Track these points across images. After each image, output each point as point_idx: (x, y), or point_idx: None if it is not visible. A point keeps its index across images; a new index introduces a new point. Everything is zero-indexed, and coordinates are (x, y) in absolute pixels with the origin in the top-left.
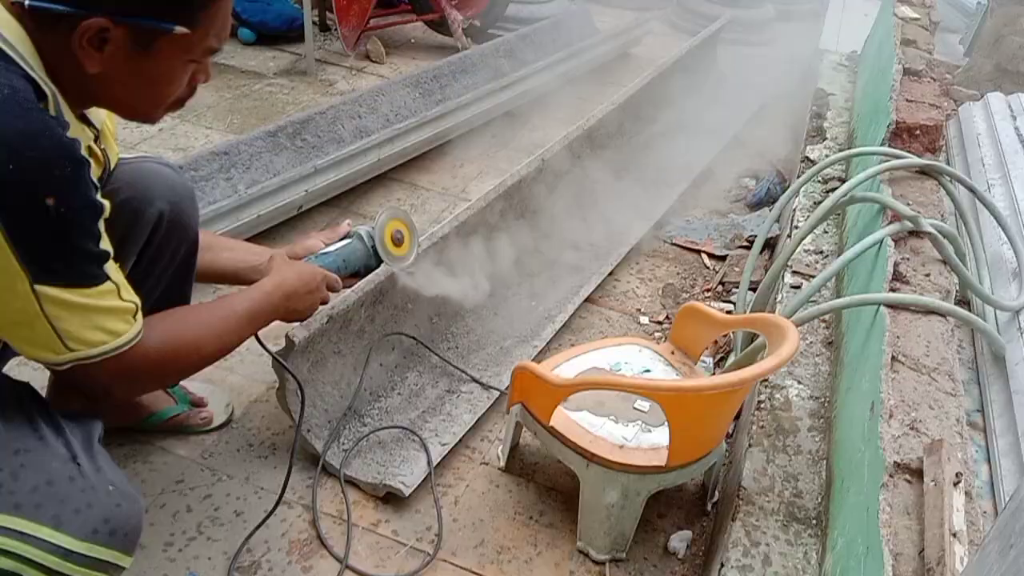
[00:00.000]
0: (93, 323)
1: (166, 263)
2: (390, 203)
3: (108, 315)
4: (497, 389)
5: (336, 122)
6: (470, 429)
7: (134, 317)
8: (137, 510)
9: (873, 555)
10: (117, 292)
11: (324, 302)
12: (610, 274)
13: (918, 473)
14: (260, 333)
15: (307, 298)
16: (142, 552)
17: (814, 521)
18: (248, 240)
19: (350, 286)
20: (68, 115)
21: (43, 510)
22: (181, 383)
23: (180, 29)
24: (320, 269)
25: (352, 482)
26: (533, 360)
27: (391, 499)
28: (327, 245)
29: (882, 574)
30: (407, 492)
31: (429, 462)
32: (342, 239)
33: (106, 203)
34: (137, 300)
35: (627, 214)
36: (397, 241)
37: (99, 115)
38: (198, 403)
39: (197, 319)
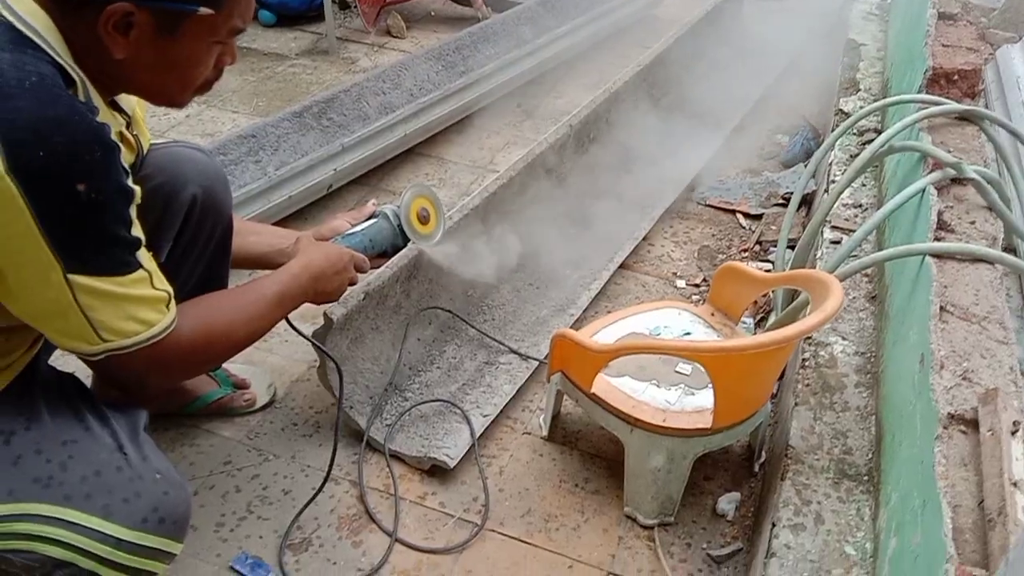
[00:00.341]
0: (126, 313)
1: (202, 246)
2: (416, 180)
3: (141, 304)
4: (536, 359)
5: (361, 99)
6: (511, 400)
7: (167, 306)
8: (185, 497)
9: (931, 508)
10: (150, 280)
11: (352, 283)
12: (644, 238)
13: (973, 424)
14: (291, 316)
15: (335, 279)
16: (194, 533)
17: (865, 477)
18: (280, 221)
19: (378, 266)
20: (97, 101)
21: (92, 501)
22: (223, 366)
23: (205, 10)
24: (347, 250)
25: (397, 456)
26: (570, 328)
27: (436, 472)
28: (353, 225)
29: (941, 526)
30: (452, 464)
31: (472, 434)
32: (368, 219)
33: (137, 189)
34: (170, 289)
35: (659, 177)
36: (423, 219)
37: (130, 101)
38: (241, 385)
39: (228, 305)
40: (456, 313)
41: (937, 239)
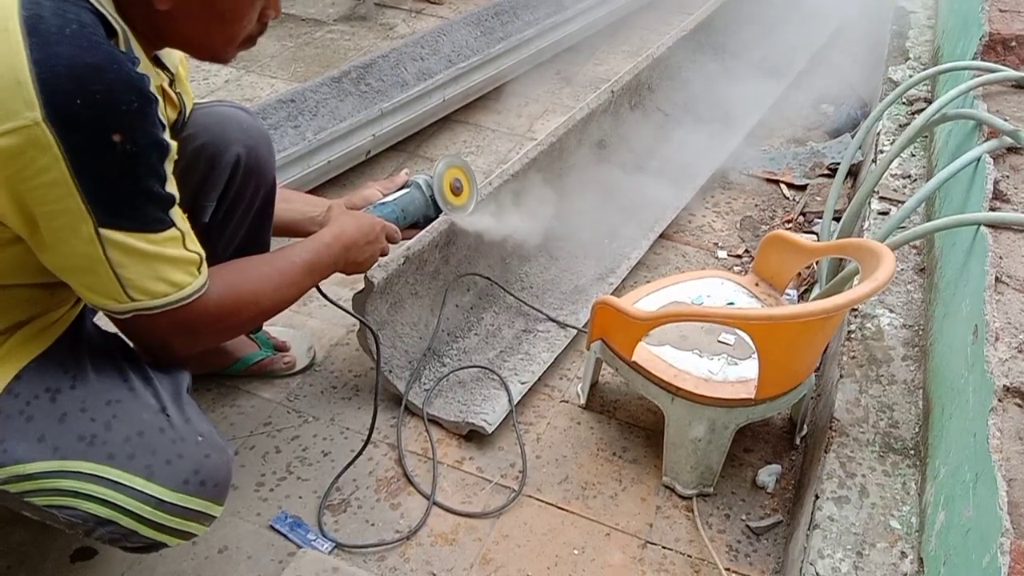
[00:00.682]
0: (156, 273)
1: (245, 207)
2: (450, 150)
3: (172, 265)
4: (574, 327)
5: (399, 65)
6: (548, 368)
7: (198, 269)
8: (226, 460)
9: (984, 481)
10: (182, 241)
11: (384, 253)
12: (685, 208)
13: None
14: (326, 282)
15: (367, 249)
16: (235, 492)
17: (912, 451)
18: (319, 186)
19: (409, 237)
20: (139, 52)
21: (135, 461)
22: (264, 327)
23: None
24: (379, 219)
25: (435, 421)
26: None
27: (473, 437)
28: (385, 195)
29: (996, 500)
30: (490, 430)
31: (510, 400)
32: (400, 188)
33: (174, 144)
34: (202, 251)
35: (701, 146)
36: (456, 190)
37: (173, 59)
38: (281, 348)
39: (257, 271)
40: (495, 280)
41: (992, 209)
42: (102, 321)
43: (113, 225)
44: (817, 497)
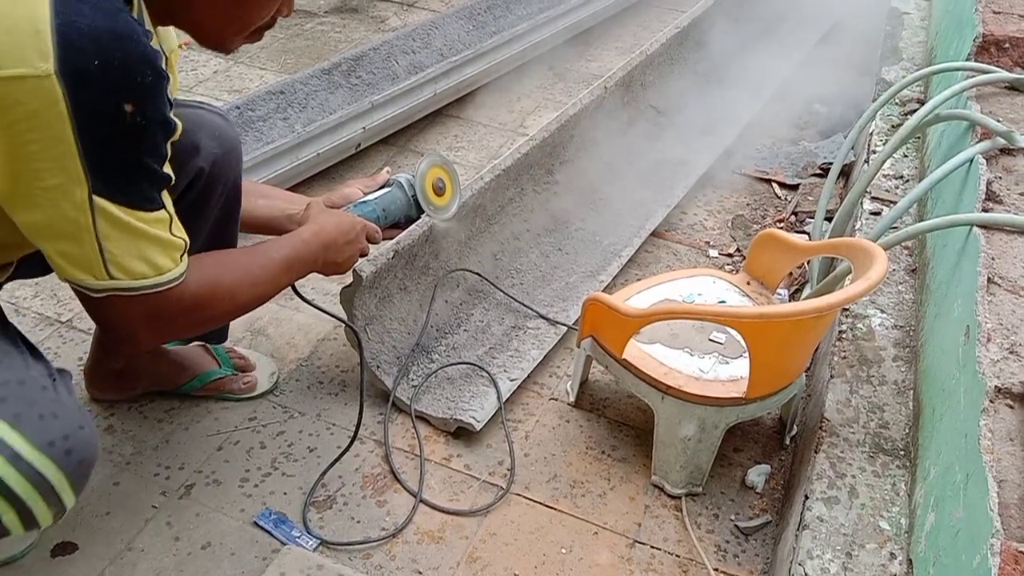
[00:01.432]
0: (140, 252)
1: (208, 214)
2: (433, 149)
3: (157, 247)
4: (564, 324)
5: (390, 58)
6: (538, 365)
7: (181, 256)
8: (95, 443)
9: (975, 482)
10: (169, 224)
11: (364, 254)
12: (676, 206)
13: (1020, 398)
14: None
15: (346, 249)
16: (219, 487)
17: (902, 452)
18: (308, 180)
19: (391, 238)
20: (149, 26)
21: (6, 405)
22: (228, 344)
23: None
24: (359, 219)
25: (423, 417)
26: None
27: (462, 434)
28: (366, 193)
29: (987, 500)
30: (478, 427)
31: (499, 397)
32: (382, 187)
33: (179, 123)
34: (186, 238)
35: (693, 143)
36: (439, 190)
37: (170, 42)
38: (242, 367)
39: (235, 264)
40: (485, 276)
41: (985, 210)
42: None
43: (107, 195)
44: (807, 497)
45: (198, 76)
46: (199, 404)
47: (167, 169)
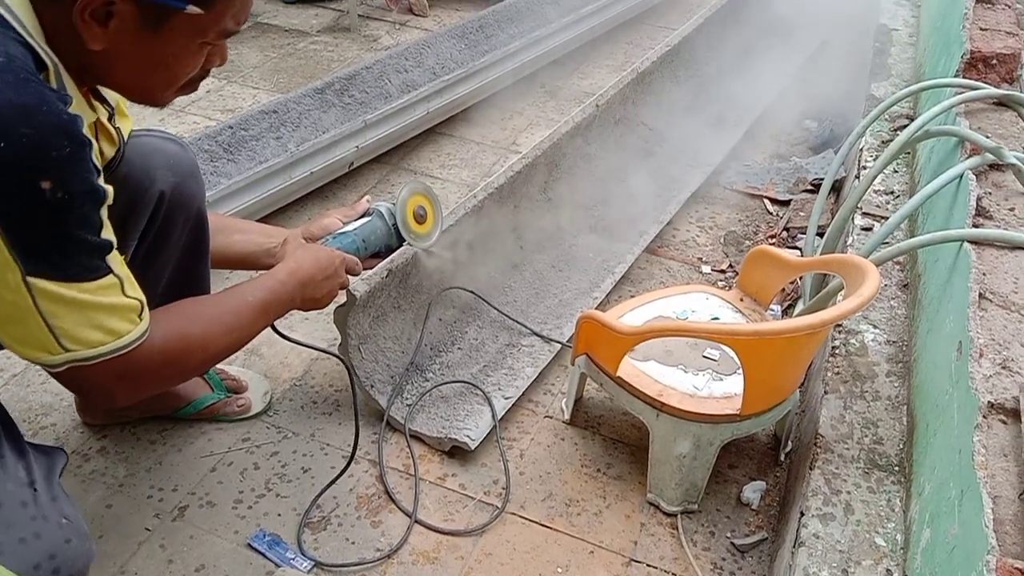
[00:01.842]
0: (92, 321)
1: (174, 242)
2: (414, 177)
3: (109, 312)
4: (559, 342)
5: (383, 77)
6: (532, 383)
7: (139, 316)
8: (87, 550)
9: (969, 498)
10: (120, 287)
11: (344, 287)
12: (669, 223)
13: (1013, 413)
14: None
15: (324, 284)
16: (212, 509)
17: (896, 468)
18: (302, 199)
19: (371, 267)
20: (72, 89)
21: None
22: (219, 367)
23: (193, 9)
24: (338, 252)
25: (417, 437)
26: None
27: (456, 453)
28: (345, 223)
29: (981, 516)
30: (473, 446)
31: (493, 415)
32: (361, 217)
33: (109, 189)
34: (142, 297)
35: (685, 160)
36: (420, 218)
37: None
38: (235, 389)
39: (206, 313)
40: (478, 294)
41: (975, 226)
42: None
43: (42, 274)
44: (802, 514)
45: (191, 96)
46: (192, 425)
47: (106, 235)
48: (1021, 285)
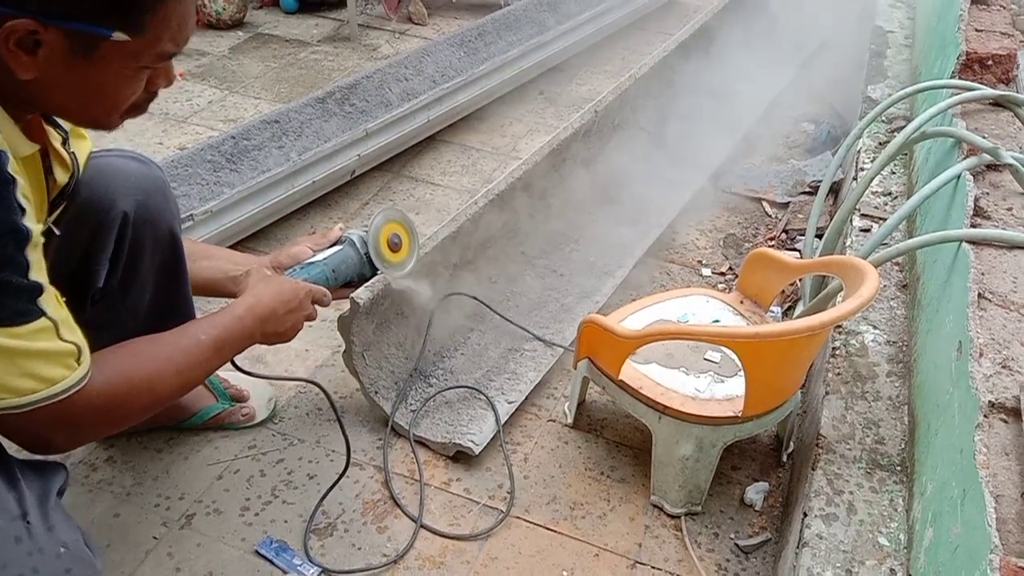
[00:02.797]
0: (22, 369)
1: (147, 263)
2: (389, 203)
3: (42, 359)
4: (561, 346)
5: (383, 86)
6: (535, 387)
7: (77, 360)
8: (92, 574)
9: (971, 497)
10: (55, 331)
11: (310, 319)
12: (668, 226)
13: (1014, 412)
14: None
15: (287, 318)
16: (219, 517)
17: (898, 467)
18: (304, 207)
19: (343, 296)
20: (2, 120)
21: None
22: (219, 375)
23: (120, 36)
24: (304, 284)
25: (422, 442)
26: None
27: (461, 458)
28: (316, 252)
29: (984, 516)
30: (477, 450)
31: (497, 420)
32: (332, 245)
33: (35, 228)
34: (80, 340)
35: (684, 164)
36: (394, 246)
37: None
38: (238, 398)
39: (155, 353)
40: (481, 300)
41: (973, 226)
42: None
43: None
44: (805, 515)
45: (193, 106)
46: (198, 434)
47: (35, 276)
48: (1020, 284)
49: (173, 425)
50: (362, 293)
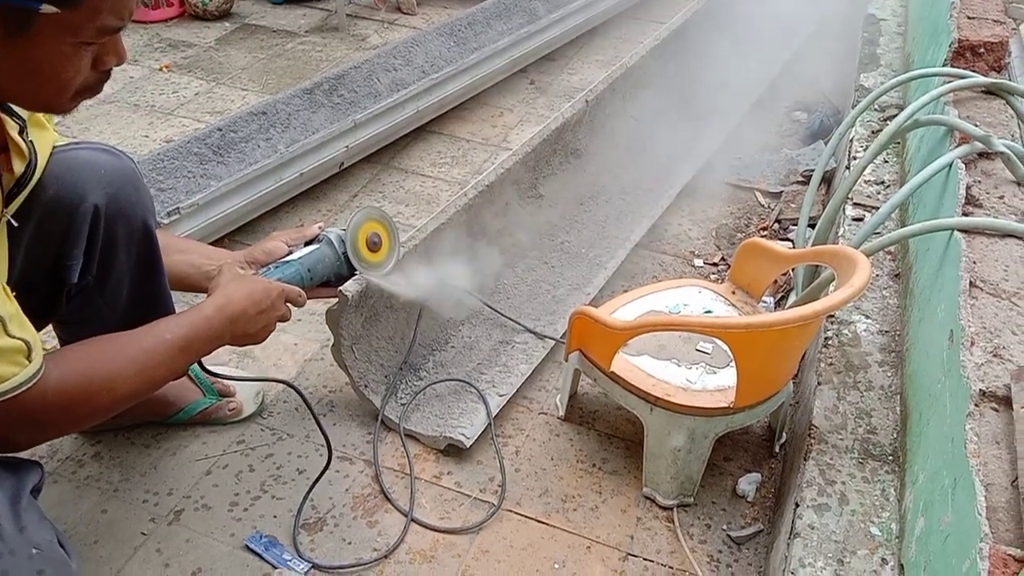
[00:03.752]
0: None
1: (122, 257)
2: (369, 202)
3: None
4: (552, 338)
5: (372, 76)
6: (527, 379)
7: (27, 357)
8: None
9: (962, 486)
10: (2, 327)
11: (283, 319)
12: (661, 217)
13: (1005, 401)
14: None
15: (258, 319)
16: (208, 512)
17: (890, 457)
18: (293, 199)
19: (321, 296)
20: None
21: None
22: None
23: (48, 8)
24: (276, 284)
25: (412, 436)
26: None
27: (452, 451)
28: (292, 248)
29: (974, 504)
30: (468, 444)
31: (488, 413)
32: (310, 243)
33: None
34: (32, 336)
35: (676, 154)
36: (373, 246)
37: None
38: (225, 393)
39: (117, 351)
40: (471, 292)
41: (965, 214)
42: None
43: None
44: (797, 505)
45: (180, 98)
46: (186, 429)
47: None
48: (1011, 273)
49: (160, 420)
50: (351, 286)
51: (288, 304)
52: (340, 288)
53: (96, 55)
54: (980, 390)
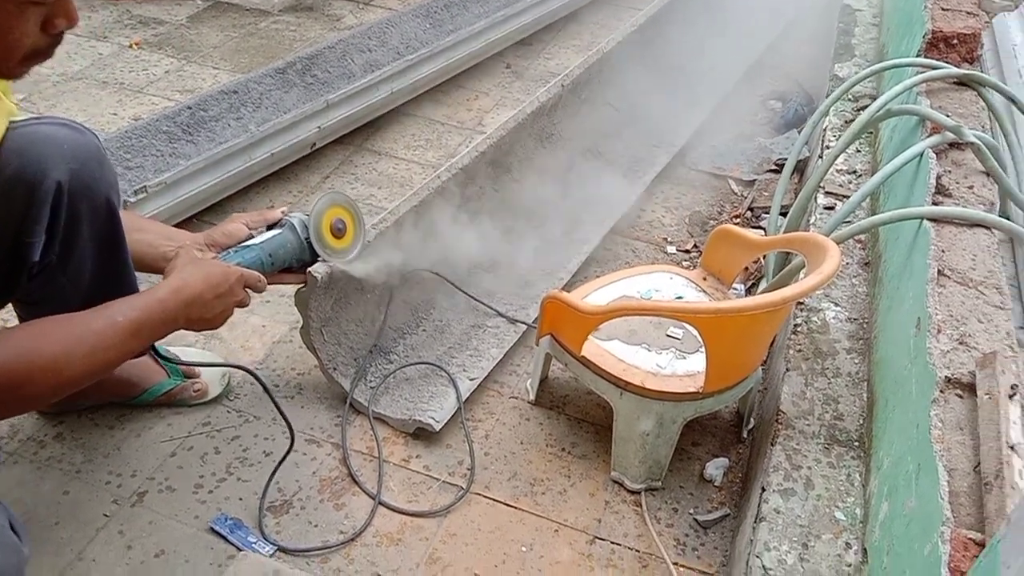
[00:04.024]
0: None
1: (85, 235)
2: (335, 188)
3: None
4: (524, 323)
5: (346, 57)
6: (498, 364)
7: None
8: (14, 564)
9: (926, 471)
10: None
11: (242, 304)
12: (635, 203)
13: (970, 388)
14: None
15: (215, 304)
16: (173, 494)
17: (856, 443)
18: (263, 180)
19: (282, 282)
20: None
21: None
22: (170, 350)
23: None
24: (235, 268)
25: (381, 419)
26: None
27: (421, 435)
28: (254, 232)
29: (937, 489)
30: (437, 427)
31: (458, 397)
32: (272, 227)
33: None
34: None
35: (650, 141)
36: (338, 232)
37: None
38: (190, 374)
39: (63, 333)
40: (443, 276)
41: (935, 203)
42: None
43: None
44: (763, 490)
45: (149, 76)
46: (151, 410)
47: None
48: (979, 262)
49: (124, 401)
50: (320, 268)
51: (247, 290)
52: (309, 270)
53: (45, 17)
54: (945, 377)
